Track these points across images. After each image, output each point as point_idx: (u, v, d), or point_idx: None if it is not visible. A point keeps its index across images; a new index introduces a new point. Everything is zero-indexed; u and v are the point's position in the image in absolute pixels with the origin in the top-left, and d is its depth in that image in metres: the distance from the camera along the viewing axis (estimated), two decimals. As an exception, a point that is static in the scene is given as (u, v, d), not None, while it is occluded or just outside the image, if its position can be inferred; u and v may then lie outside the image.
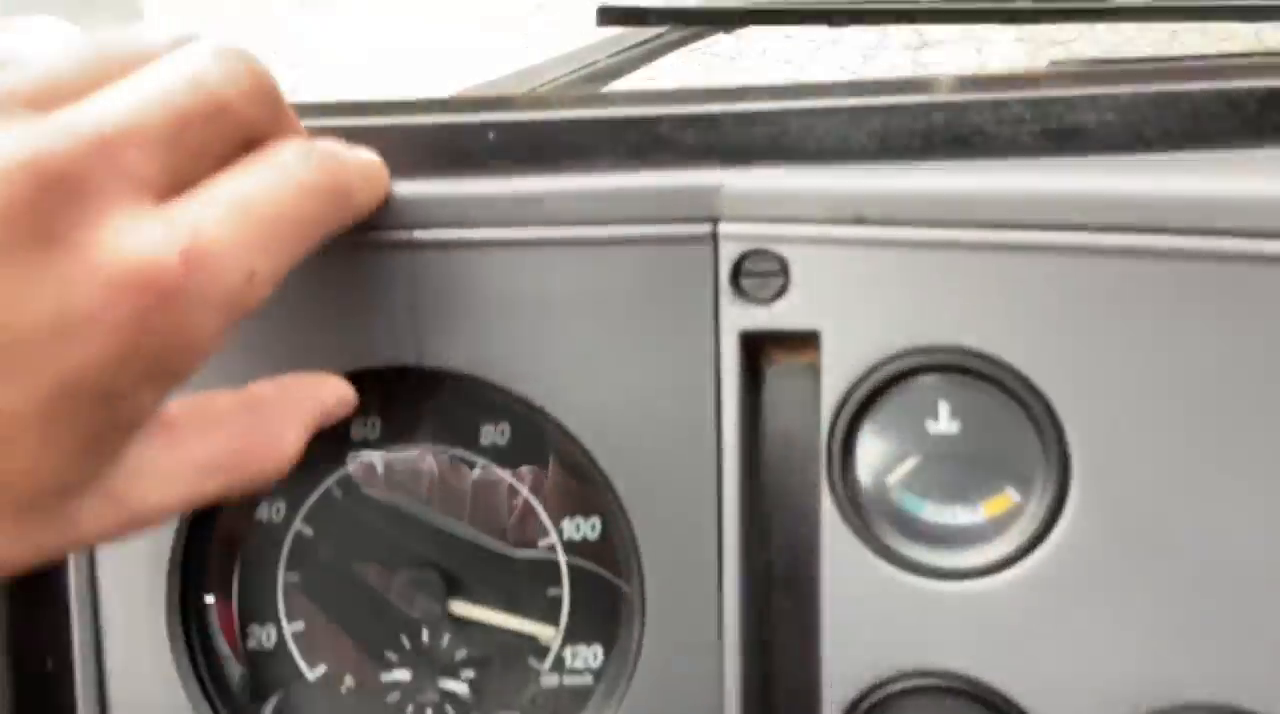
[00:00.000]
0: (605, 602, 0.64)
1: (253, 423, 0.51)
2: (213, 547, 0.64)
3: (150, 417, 0.45)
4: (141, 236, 0.40)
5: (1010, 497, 0.56)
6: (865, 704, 0.56)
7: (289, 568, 0.65)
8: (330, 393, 0.57)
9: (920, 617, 0.55)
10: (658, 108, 0.62)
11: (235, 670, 0.65)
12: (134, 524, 0.46)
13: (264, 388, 0.53)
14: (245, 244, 0.43)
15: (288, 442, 0.53)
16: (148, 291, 0.39)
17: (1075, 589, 0.53)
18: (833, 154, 0.60)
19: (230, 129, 0.45)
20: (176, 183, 0.43)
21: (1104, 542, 0.52)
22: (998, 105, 0.59)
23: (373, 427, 0.64)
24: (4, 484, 0.40)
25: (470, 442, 0.64)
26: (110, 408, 0.41)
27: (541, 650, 0.64)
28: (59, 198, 0.38)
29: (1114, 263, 0.52)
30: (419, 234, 0.58)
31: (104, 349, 0.39)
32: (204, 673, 0.63)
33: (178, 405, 0.47)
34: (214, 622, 0.64)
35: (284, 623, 0.65)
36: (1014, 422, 0.55)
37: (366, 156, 0.55)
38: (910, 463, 0.57)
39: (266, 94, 0.46)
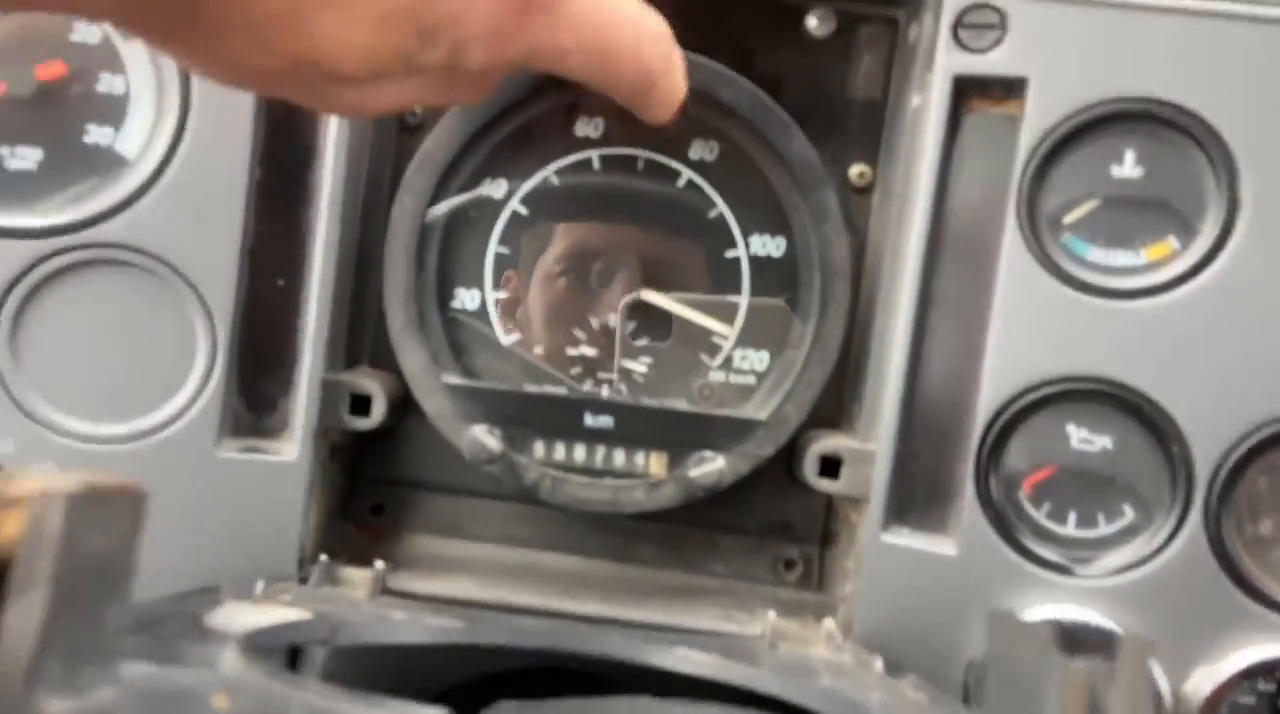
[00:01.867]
0: (779, 314, 0.71)
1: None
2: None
3: (425, 72, 0.51)
4: None
5: (1171, 244, 0.64)
6: (1020, 403, 0.64)
7: (500, 242, 0.72)
8: None
9: (1082, 329, 0.63)
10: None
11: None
12: (367, 111, 0.54)
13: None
14: (585, 32, 0.52)
15: (496, 80, 0.58)
16: None
17: (1226, 314, 0.61)
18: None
19: None
20: None
21: (1260, 274, 0.60)
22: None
23: (596, 127, 0.71)
24: (332, 58, 0.47)
25: (681, 153, 0.71)
26: (423, 44, 0.48)
27: (714, 348, 0.72)
28: None
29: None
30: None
31: (462, 1, 0.47)
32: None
33: None
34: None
35: (488, 289, 0.72)
36: (1190, 173, 0.63)
37: (682, 77, 0.61)
38: (1089, 206, 0.65)
39: None
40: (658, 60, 0.57)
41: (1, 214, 0.64)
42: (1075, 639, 0.35)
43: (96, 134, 0.66)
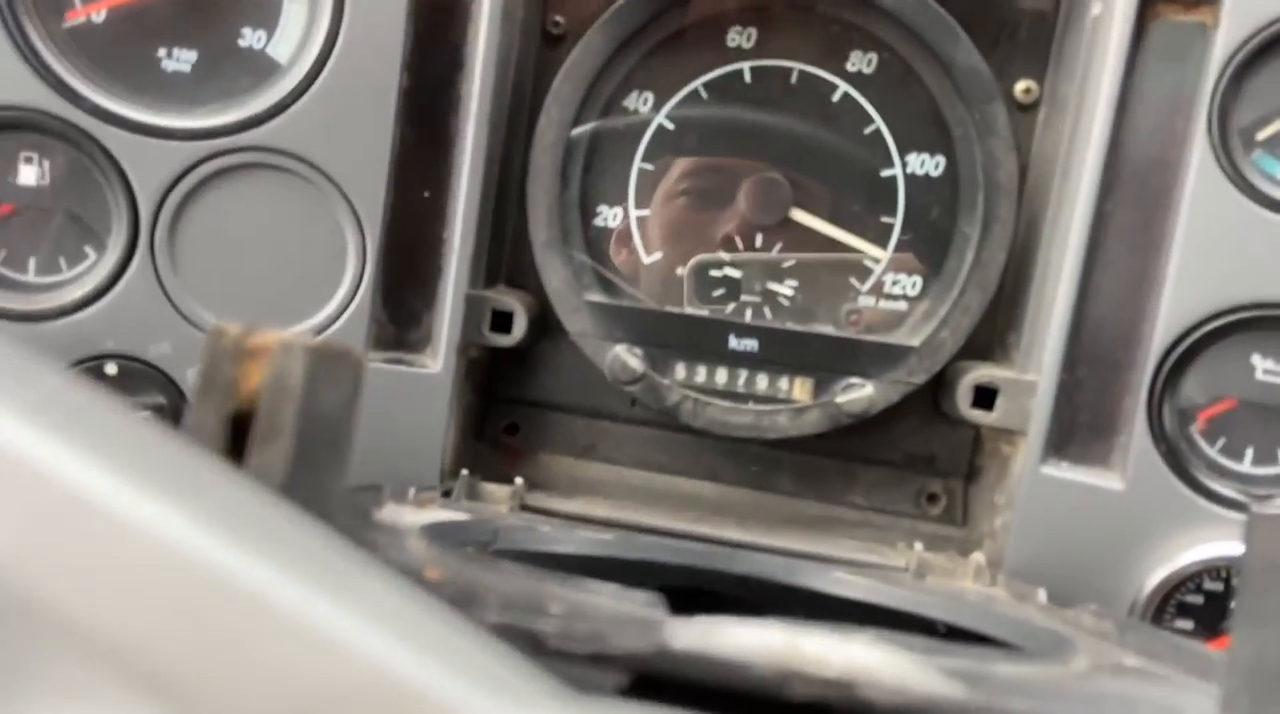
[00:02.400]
0: (935, 236, 0.68)
1: None
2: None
3: None
4: None
5: (1378, 163, 0.59)
6: (1203, 330, 0.60)
7: (645, 158, 0.70)
8: None
9: (1276, 252, 0.59)
10: None
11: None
12: None
13: None
14: None
15: None
16: None
17: None
18: None
19: None
20: None
21: None
22: None
23: (748, 37, 0.69)
24: None
25: (838, 65, 0.68)
26: None
27: (864, 272, 0.69)
28: None
29: None
30: None
31: None
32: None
33: None
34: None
35: (632, 207, 0.70)
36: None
37: None
38: (1285, 121, 0.60)
39: None
40: None
41: (159, 115, 0.64)
42: None
43: (250, 38, 0.65)
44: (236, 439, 0.27)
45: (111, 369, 0.64)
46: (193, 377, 0.65)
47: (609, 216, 0.71)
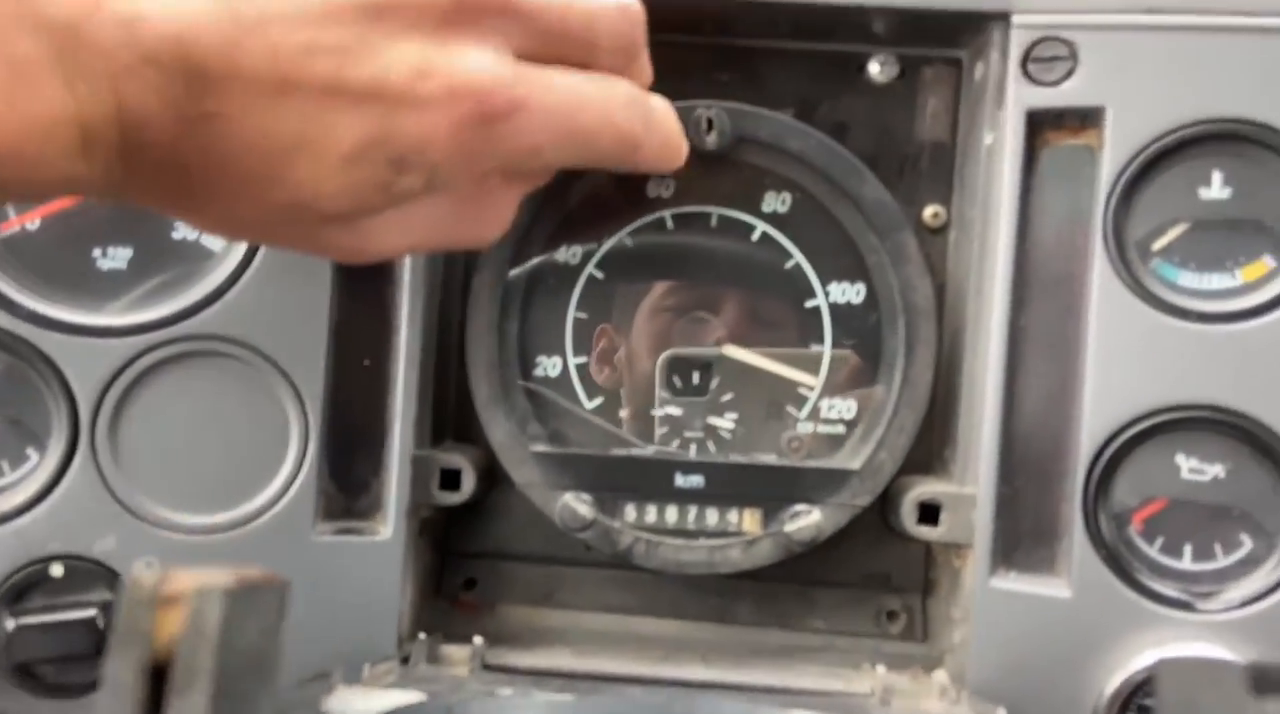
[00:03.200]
0: (864, 361, 0.70)
1: (477, 199, 0.59)
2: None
3: (410, 199, 0.53)
4: (494, 68, 0.50)
5: (1267, 263, 0.63)
6: (1125, 436, 0.62)
7: (579, 308, 0.72)
8: (538, 173, 0.63)
9: (1183, 356, 0.61)
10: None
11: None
12: (370, 254, 0.56)
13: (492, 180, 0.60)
14: (550, 126, 0.53)
15: (504, 212, 0.61)
16: (477, 104, 0.49)
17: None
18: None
19: (596, 56, 0.55)
20: (534, 57, 0.52)
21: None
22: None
23: (667, 187, 0.72)
24: (312, 199, 0.49)
25: (754, 207, 0.71)
26: (397, 172, 0.50)
27: (800, 400, 0.71)
28: (472, 10, 0.49)
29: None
30: None
31: (421, 126, 0.48)
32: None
33: None
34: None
35: (570, 356, 0.72)
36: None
37: (674, 127, 0.61)
38: (1178, 230, 0.64)
39: (634, 46, 0.57)
40: (635, 123, 0.57)
41: (95, 314, 0.66)
42: (1269, 679, 0.33)
43: (184, 230, 0.67)
44: (156, 689, 0.28)
45: (58, 570, 0.64)
46: (138, 570, 0.65)
47: (548, 366, 0.72)
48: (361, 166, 0.48)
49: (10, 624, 0.63)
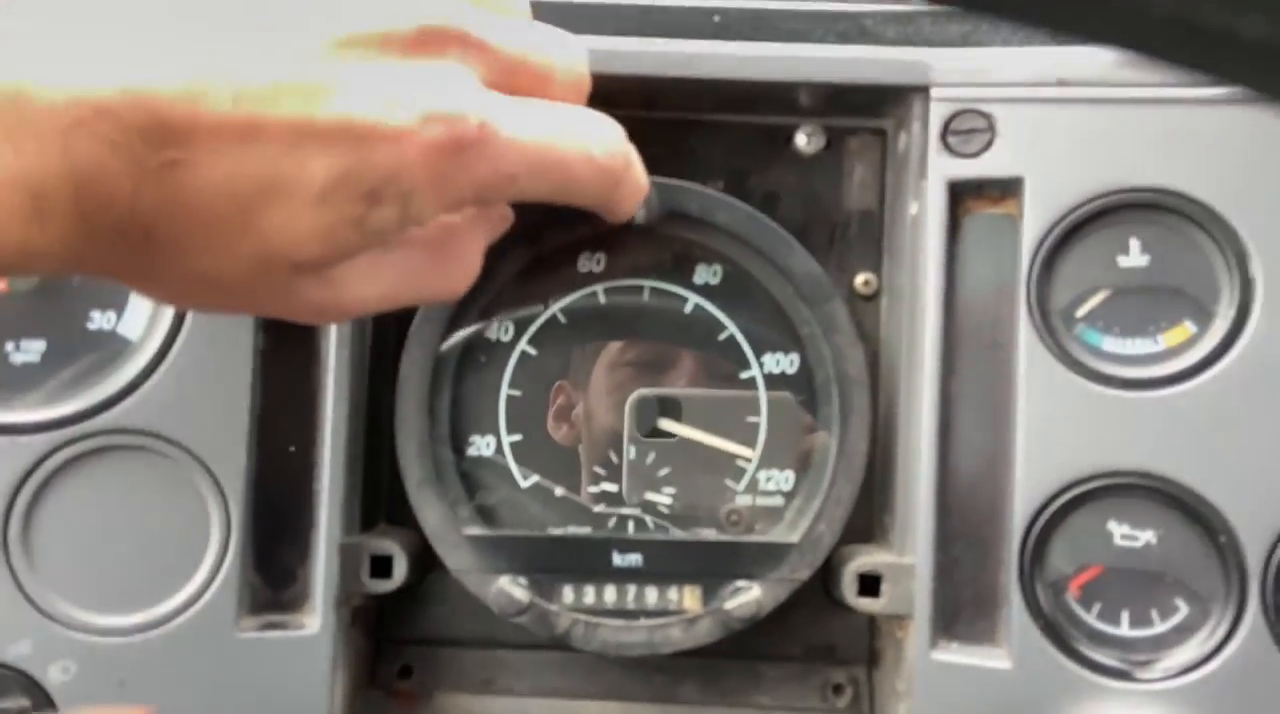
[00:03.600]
0: (800, 431, 0.70)
1: (446, 245, 0.58)
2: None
3: (384, 237, 0.51)
4: (464, 94, 0.49)
5: (1188, 328, 0.64)
6: (1057, 503, 0.62)
7: (511, 385, 0.71)
8: (498, 212, 0.64)
9: (1109, 422, 0.62)
10: (860, 4, 0.71)
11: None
12: (342, 309, 0.55)
13: (454, 219, 0.59)
14: (525, 153, 0.52)
15: (472, 260, 0.60)
16: (449, 129, 0.47)
17: (1256, 397, 0.60)
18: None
19: (550, 90, 0.54)
20: (495, 87, 0.51)
21: (1283, 354, 0.60)
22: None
23: (598, 261, 0.72)
24: (285, 246, 0.47)
25: (685, 279, 0.71)
26: (370, 205, 0.48)
27: (738, 472, 0.70)
28: (436, 40, 0.48)
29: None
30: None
31: (393, 156, 0.47)
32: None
33: None
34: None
35: (503, 434, 0.71)
36: (1198, 256, 0.63)
37: (642, 178, 0.61)
38: (1099, 297, 0.65)
39: (584, 84, 0.57)
40: (615, 159, 0.57)
41: (6, 411, 0.64)
42: None
43: (100, 320, 0.65)
44: None
45: (-33, 677, 0.61)
46: (55, 674, 0.63)
47: (481, 445, 0.71)
48: (334, 204, 0.47)
49: (-84, 737, 0.60)
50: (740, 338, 0.71)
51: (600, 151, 0.56)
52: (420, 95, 0.47)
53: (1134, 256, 0.64)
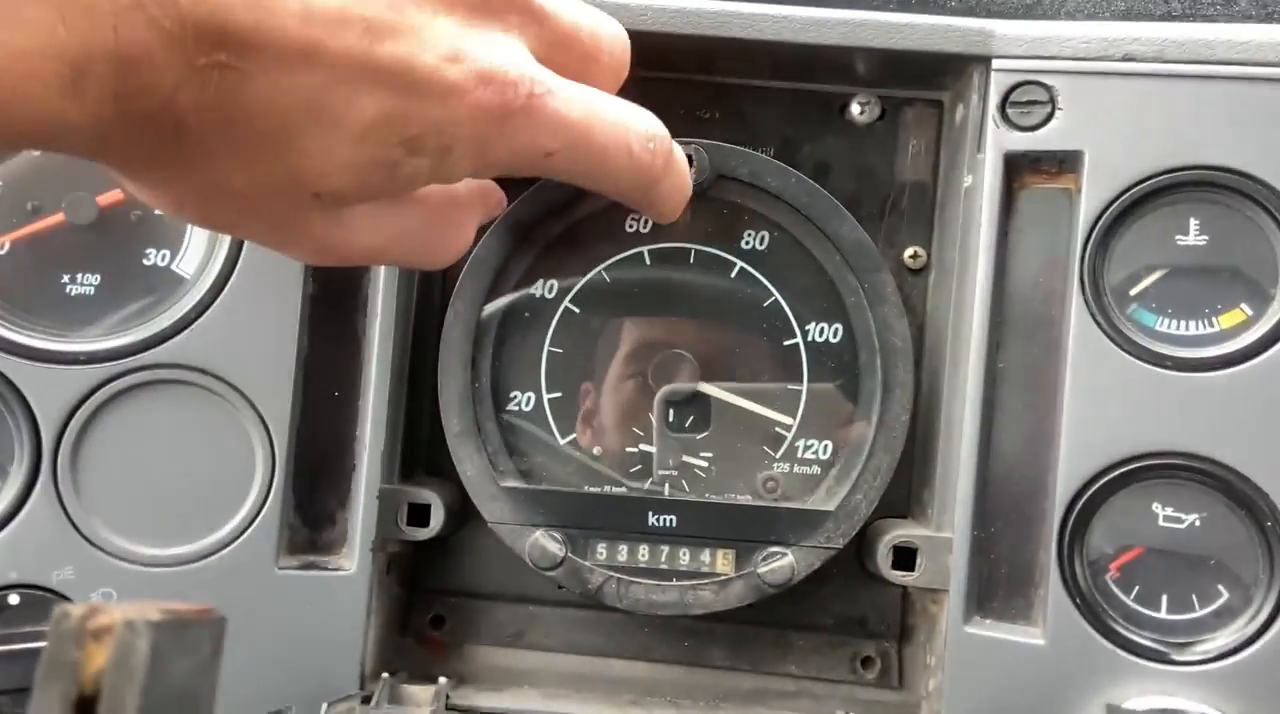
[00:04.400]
0: (841, 401, 0.70)
1: (446, 215, 0.59)
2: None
3: (411, 186, 0.52)
4: (521, 62, 0.50)
5: (1244, 311, 0.62)
6: (1101, 482, 0.62)
7: (553, 343, 0.71)
8: (495, 197, 0.65)
9: (1160, 403, 0.61)
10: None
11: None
12: (338, 252, 0.54)
13: (457, 191, 0.60)
14: (564, 131, 0.52)
15: (466, 234, 0.60)
16: (500, 94, 0.48)
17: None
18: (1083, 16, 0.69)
19: (592, 71, 0.55)
20: (542, 61, 0.52)
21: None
22: None
23: (645, 223, 0.71)
24: (316, 173, 0.47)
25: (732, 244, 0.71)
26: (408, 152, 0.48)
27: (776, 439, 0.70)
28: (500, 5, 0.50)
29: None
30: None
31: (443, 110, 0.47)
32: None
33: None
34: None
35: (544, 391, 0.71)
36: (1258, 238, 0.61)
37: (685, 183, 0.62)
38: (1155, 276, 0.64)
39: (624, 69, 0.58)
40: (657, 157, 0.57)
41: (62, 340, 0.65)
42: None
43: (155, 256, 0.66)
44: (81, 725, 0.27)
45: (14, 599, 0.63)
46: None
47: (522, 401, 0.72)
48: (373, 143, 0.47)
49: (-36, 655, 0.62)
50: (784, 305, 0.71)
51: (639, 146, 0.56)
52: (478, 56, 0.48)
53: (1193, 236, 0.63)
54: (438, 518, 0.68)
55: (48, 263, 0.66)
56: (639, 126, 0.56)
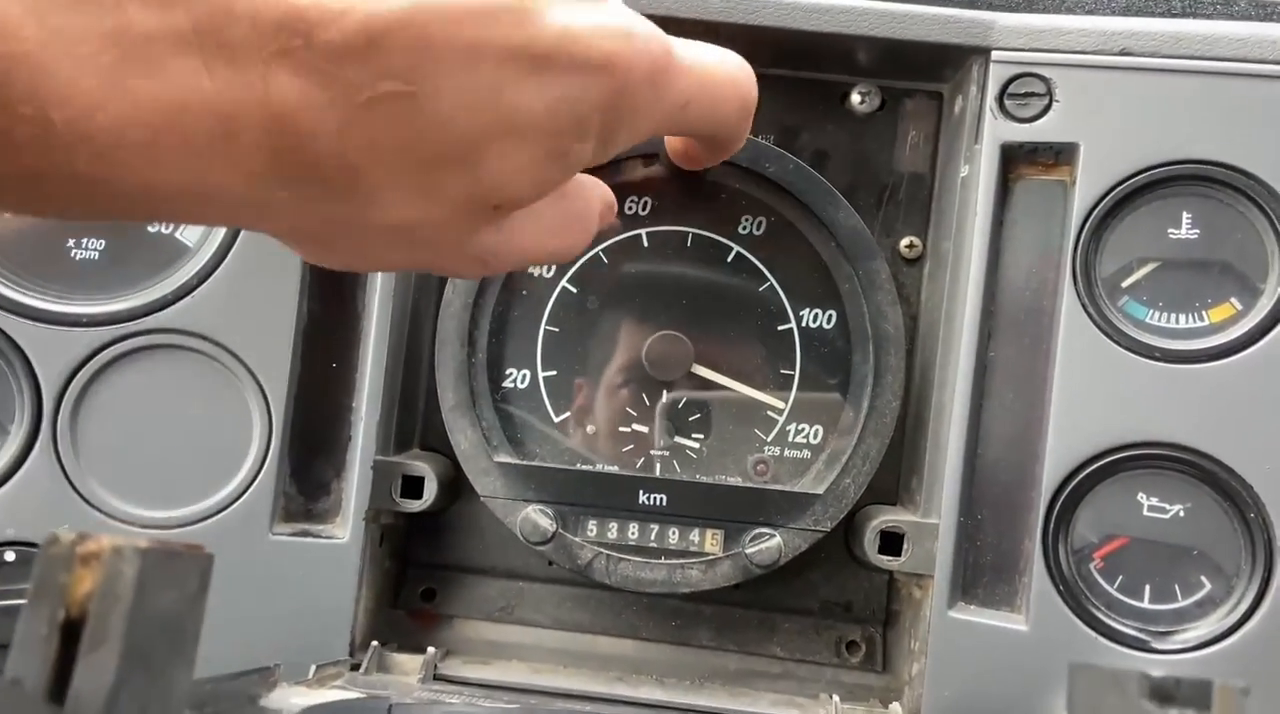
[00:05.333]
0: (832, 387, 0.70)
1: (580, 200, 0.56)
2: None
3: (572, 173, 0.49)
4: (644, 19, 0.47)
5: (1234, 304, 0.63)
6: (1087, 471, 0.62)
7: (550, 322, 0.72)
8: (608, 195, 0.61)
9: (1148, 394, 0.62)
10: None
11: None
12: (501, 260, 0.51)
13: (585, 178, 0.57)
14: (695, 85, 0.51)
15: (593, 221, 0.58)
16: (653, 60, 0.47)
17: (1297, 375, 0.59)
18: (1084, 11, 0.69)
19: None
20: None
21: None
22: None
23: (644, 205, 0.72)
24: (500, 183, 0.44)
25: (729, 229, 0.72)
26: (576, 137, 0.46)
27: (768, 422, 0.71)
28: None
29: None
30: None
31: (605, 83, 0.45)
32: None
33: None
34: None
35: (539, 369, 0.72)
36: (1249, 232, 0.62)
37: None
38: (1147, 268, 0.64)
39: None
40: (752, 91, 0.56)
41: (65, 302, 0.66)
42: (1165, 691, 0.34)
43: (159, 224, 0.67)
44: (68, 646, 0.28)
45: (10, 556, 0.64)
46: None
47: (517, 378, 0.72)
48: (546, 136, 0.44)
49: (-42, 609, 0.63)
50: (779, 290, 0.71)
51: (746, 85, 0.55)
52: (619, 20, 0.45)
53: (1185, 229, 0.63)
54: (431, 490, 0.69)
55: (53, 227, 0.67)
56: (737, 66, 0.55)
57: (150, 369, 0.66)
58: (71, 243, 0.67)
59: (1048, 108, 0.65)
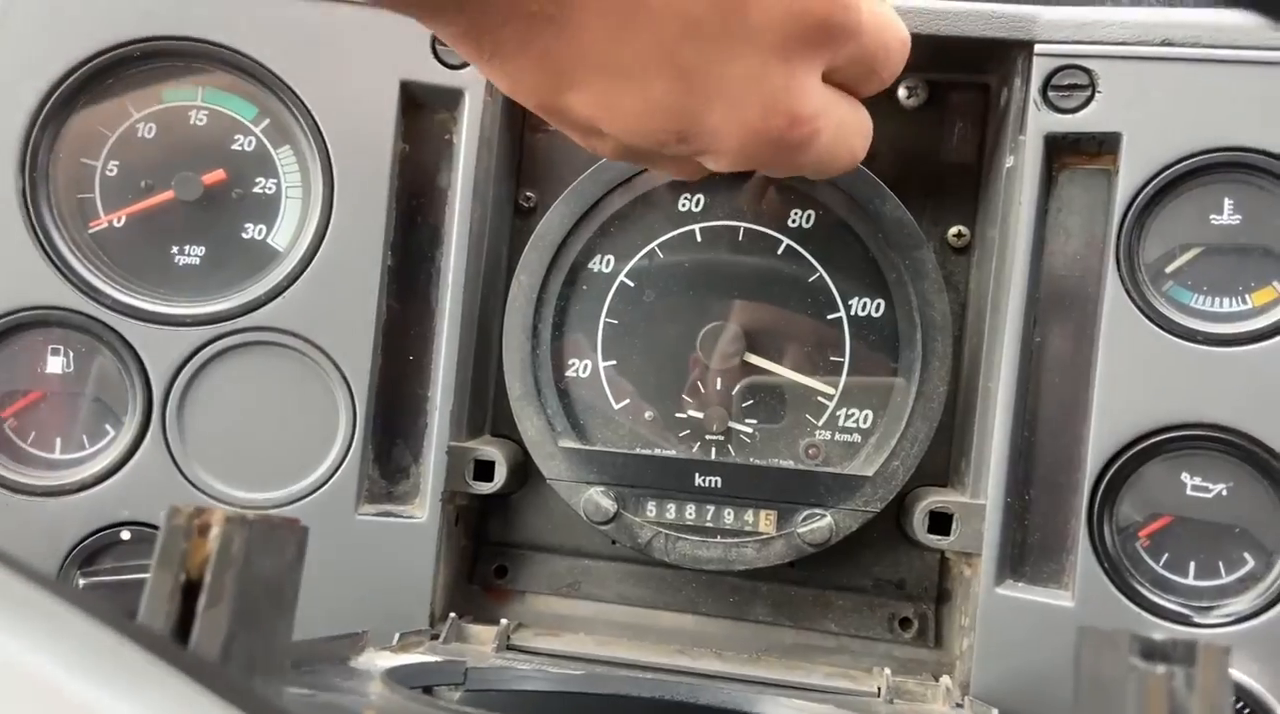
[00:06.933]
0: (881, 373, 0.73)
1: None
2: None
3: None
4: (816, 99, 0.54)
5: (1276, 288, 0.64)
6: (1131, 452, 0.64)
7: (609, 314, 0.76)
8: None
9: (1191, 376, 0.63)
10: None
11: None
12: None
13: None
14: (820, 153, 0.56)
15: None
16: (785, 130, 0.53)
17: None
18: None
19: (869, 83, 0.60)
20: (828, 74, 0.56)
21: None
22: None
23: (697, 202, 0.76)
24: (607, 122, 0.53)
25: (779, 223, 0.75)
26: (679, 140, 0.53)
27: (819, 408, 0.74)
28: (822, 36, 0.53)
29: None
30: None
31: (725, 122, 0.52)
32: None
33: None
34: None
35: (600, 359, 0.76)
36: (1292, 218, 0.63)
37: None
38: (1190, 254, 0.66)
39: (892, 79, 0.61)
40: (861, 148, 0.61)
41: (170, 304, 0.73)
42: (1156, 649, 0.36)
43: (253, 231, 0.74)
44: (188, 603, 0.33)
45: (126, 535, 0.70)
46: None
47: (580, 368, 0.77)
48: (654, 124, 0.52)
49: (80, 583, 0.70)
50: (829, 281, 0.74)
51: (860, 146, 0.61)
52: (786, 91, 0.52)
53: (1226, 215, 0.64)
54: (501, 474, 0.74)
55: (159, 236, 0.73)
56: (864, 128, 0.61)
57: (247, 364, 0.72)
58: (175, 250, 0.73)
59: (1090, 99, 0.67)
